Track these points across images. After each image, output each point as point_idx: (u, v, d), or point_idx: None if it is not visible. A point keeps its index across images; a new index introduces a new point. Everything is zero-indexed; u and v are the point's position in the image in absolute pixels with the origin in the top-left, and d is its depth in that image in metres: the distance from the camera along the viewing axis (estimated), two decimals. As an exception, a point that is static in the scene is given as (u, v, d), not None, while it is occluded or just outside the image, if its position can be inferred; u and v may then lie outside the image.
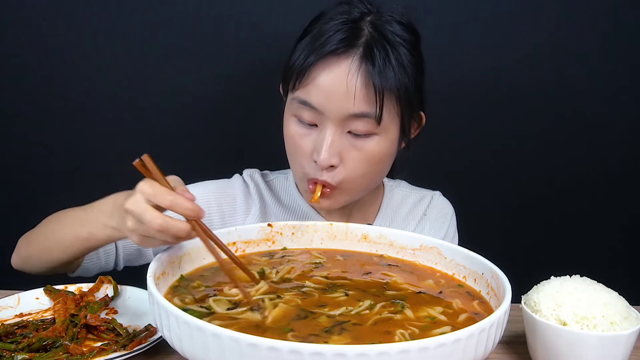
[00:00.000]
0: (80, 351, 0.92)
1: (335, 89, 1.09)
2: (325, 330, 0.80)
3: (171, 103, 1.61)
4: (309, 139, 1.14)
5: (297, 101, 1.13)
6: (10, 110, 1.60)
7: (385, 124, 1.12)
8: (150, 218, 0.85)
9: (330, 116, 1.10)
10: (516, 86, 1.62)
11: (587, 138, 1.66)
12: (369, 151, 1.13)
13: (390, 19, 1.14)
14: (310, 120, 1.13)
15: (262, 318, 0.82)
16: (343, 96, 1.09)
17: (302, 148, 1.15)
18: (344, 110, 1.09)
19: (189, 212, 0.87)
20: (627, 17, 1.60)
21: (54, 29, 1.55)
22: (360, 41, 1.10)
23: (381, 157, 1.15)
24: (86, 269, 1.22)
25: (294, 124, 1.16)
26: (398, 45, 1.12)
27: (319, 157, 1.11)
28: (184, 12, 1.56)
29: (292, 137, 1.16)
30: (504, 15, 1.59)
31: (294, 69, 1.12)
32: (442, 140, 1.55)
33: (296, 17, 1.24)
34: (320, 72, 1.10)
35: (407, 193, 1.40)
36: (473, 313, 0.88)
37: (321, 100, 1.10)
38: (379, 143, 1.13)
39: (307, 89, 1.11)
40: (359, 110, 1.09)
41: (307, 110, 1.12)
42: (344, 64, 1.09)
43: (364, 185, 1.19)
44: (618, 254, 1.74)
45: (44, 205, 1.19)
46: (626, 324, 0.91)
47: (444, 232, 1.37)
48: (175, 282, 0.94)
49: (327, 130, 1.11)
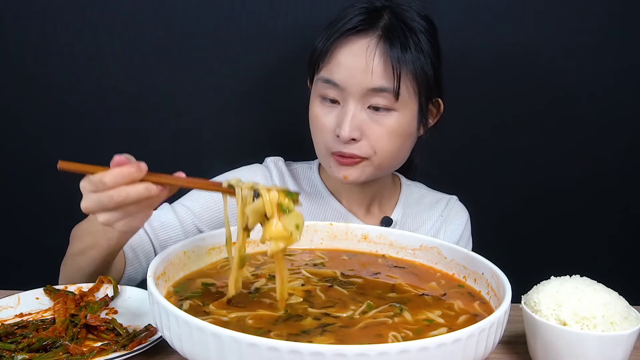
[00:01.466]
0: (80, 351, 0.92)
1: (355, 65, 1.17)
2: (304, 332, 0.80)
3: (187, 98, 1.60)
4: (331, 116, 1.21)
5: (322, 81, 1.20)
6: (10, 110, 1.60)
7: (403, 100, 1.18)
8: (108, 199, 0.83)
9: (351, 91, 1.17)
10: (516, 88, 1.62)
11: (587, 138, 1.66)
12: (389, 126, 1.19)
13: (409, 10, 1.22)
14: (334, 97, 1.20)
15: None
16: (362, 71, 1.16)
17: (325, 125, 1.21)
18: (364, 85, 1.16)
19: (133, 174, 0.83)
20: (629, 15, 1.60)
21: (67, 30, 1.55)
22: (380, 24, 1.18)
23: (401, 132, 1.21)
24: (129, 278, 1.24)
25: (318, 103, 1.23)
26: (417, 31, 1.20)
27: (341, 130, 1.17)
28: (196, 8, 1.55)
29: (316, 115, 1.23)
30: (509, 17, 1.59)
31: (317, 52, 1.21)
32: (443, 140, 1.54)
33: (318, 9, 1.28)
34: (340, 50, 1.18)
35: (425, 193, 1.44)
36: (473, 314, 0.88)
37: (343, 77, 1.17)
38: (399, 119, 1.19)
39: (330, 67, 1.19)
40: (377, 85, 1.16)
41: (331, 88, 1.19)
42: (363, 41, 1.17)
43: (388, 159, 1.24)
44: (618, 254, 1.74)
45: (46, 205, 1.19)
46: (626, 324, 0.91)
47: (459, 235, 1.40)
48: (176, 282, 0.94)
49: (348, 105, 1.18)
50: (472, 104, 1.62)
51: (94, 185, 0.84)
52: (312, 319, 0.84)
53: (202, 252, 1.00)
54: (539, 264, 1.31)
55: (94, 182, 0.84)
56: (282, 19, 1.56)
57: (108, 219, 0.86)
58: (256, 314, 0.84)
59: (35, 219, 1.64)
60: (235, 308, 0.86)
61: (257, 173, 1.35)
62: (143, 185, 0.84)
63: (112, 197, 0.83)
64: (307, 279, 0.97)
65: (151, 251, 1.24)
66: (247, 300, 0.89)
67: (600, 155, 1.67)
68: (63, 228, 1.21)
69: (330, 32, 1.20)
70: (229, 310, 0.85)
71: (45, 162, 1.62)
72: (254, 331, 0.78)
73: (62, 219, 1.20)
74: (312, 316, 0.84)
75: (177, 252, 0.95)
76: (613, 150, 1.67)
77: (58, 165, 0.84)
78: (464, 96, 1.58)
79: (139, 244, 1.23)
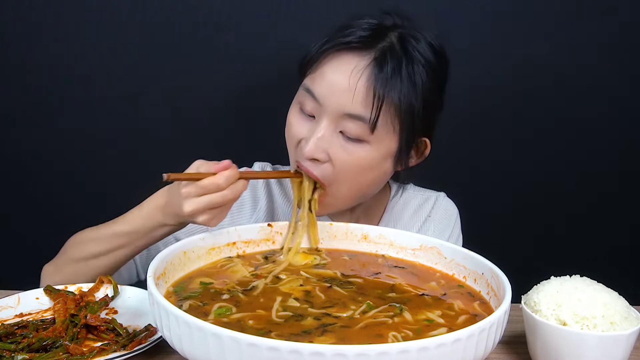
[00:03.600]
0: (80, 351, 0.92)
1: (338, 83, 1.08)
2: (304, 332, 0.80)
3: (178, 103, 1.61)
4: (304, 127, 1.13)
5: (304, 88, 1.14)
6: (10, 111, 1.60)
7: (379, 134, 1.09)
8: (222, 198, 0.99)
9: (327, 110, 1.09)
10: (517, 90, 1.63)
11: (588, 140, 1.66)
12: (357, 157, 1.10)
13: (421, 38, 1.12)
14: (310, 111, 1.12)
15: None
16: (343, 92, 1.07)
17: (295, 134, 1.14)
18: (341, 107, 1.08)
19: (236, 175, 1.00)
20: (629, 17, 1.60)
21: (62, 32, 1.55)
22: (379, 45, 1.09)
23: (369, 166, 1.12)
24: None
25: (295, 111, 1.16)
26: (417, 62, 1.09)
27: (306, 145, 1.10)
28: (195, 14, 1.56)
29: (291, 123, 1.16)
30: (508, 20, 1.59)
31: (309, 56, 1.14)
32: (444, 141, 1.54)
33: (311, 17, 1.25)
34: (329, 62, 1.10)
35: (412, 194, 1.40)
36: (473, 314, 0.88)
37: (323, 92, 1.09)
38: (369, 152, 1.10)
39: (314, 78, 1.11)
40: (354, 111, 1.07)
41: (310, 99, 1.11)
42: (353, 61, 1.08)
43: (351, 192, 1.16)
44: (618, 254, 1.74)
45: (47, 205, 1.19)
46: (626, 324, 0.91)
47: (449, 233, 1.38)
48: (176, 282, 0.94)
49: (321, 124, 1.10)
50: (473, 103, 1.62)
51: (204, 190, 0.98)
52: (313, 319, 0.84)
53: (202, 252, 1.01)
54: (539, 264, 1.31)
55: (206, 186, 0.98)
56: (275, 26, 1.55)
57: (209, 217, 1.00)
58: (256, 314, 0.84)
59: (36, 219, 1.65)
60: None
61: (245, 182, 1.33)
62: (241, 182, 1.02)
63: (225, 195, 0.99)
64: (306, 279, 0.97)
65: (131, 263, 1.25)
66: (247, 300, 0.89)
67: (600, 156, 1.67)
68: (63, 228, 1.21)
69: (326, 40, 1.11)
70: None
71: (45, 161, 1.63)
72: (255, 331, 0.78)
73: (62, 219, 1.20)
74: (312, 316, 0.84)
75: (177, 252, 0.95)
76: (613, 150, 1.67)
77: (165, 177, 0.96)
78: (462, 93, 1.58)
79: None
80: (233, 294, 0.90)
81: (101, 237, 1.16)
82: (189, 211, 0.99)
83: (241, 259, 1.04)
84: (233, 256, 1.05)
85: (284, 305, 0.88)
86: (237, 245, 1.06)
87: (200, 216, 1.00)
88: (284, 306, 0.87)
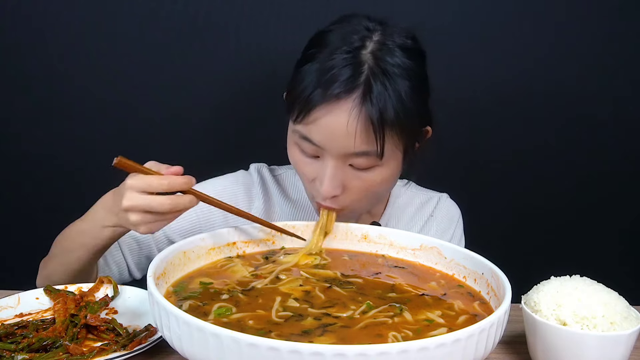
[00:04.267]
0: (80, 351, 0.92)
1: (336, 131, 1.07)
2: (305, 332, 0.80)
3: (173, 103, 1.61)
4: (311, 167, 1.13)
5: (299, 135, 1.11)
6: (10, 111, 1.60)
7: (386, 157, 1.10)
8: (158, 205, 0.92)
9: (331, 153, 1.09)
10: (518, 91, 1.63)
11: (588, 140, 1.66)
12: (371, 180, 1.12)
13: (393, 47, 1.09)
14: (312, 153, 1.12)
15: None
16: (344, 137, 1.07)
17: (305, 174, 1.15)
18: (345, 149, 1.08)
19: (185, 185, 0.93)
20: (629, 17, 1.60)
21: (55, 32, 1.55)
22: (360, 79, 1.06)
23: (385, 181, 1.15)
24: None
25: (296, 151, 1.15)
26: (396, 77, 1.07)
27: (322, 188, 1.10)
28: (187, 15, 1.56)
29: (296, 162, 1.16)
30: (508, 20, 1.59)
31: (297, 102, 1.09)
32: (445, 142, 1.54)
33: (299, 19, 1.24)
34: (322, 113, 1.07)
35: (414, 193, 1.41)
36: (473, 314, 0.88)
37: (322, 139, 1.08)
38: (382, 172, 1.12)
39: (309, 127, 1.09)
40: (359, 150, 1.08)
41: (308, 144, 1.10)
42: (345, 107, 1.06)
43: (369, 205, 1.22)
44: (618, 254, 1.74)
45: (46, 205, 1.19)
46: (626, 324, 0.91)
47: (450, 234, 1.38)
48: (176, 282, 0.94)
49: (328, 164, 1.10)
50: (475, 108, 1.62)
51: (148, 186, 0.92)
52: (313, 319, 0.83)
53: (202, 252, 1.00)
54: (539, 264, 1.31)
55: (150, 183, 0.91)
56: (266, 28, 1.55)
57: (141, 219, 0.94)
58: (256, 314, 0.84)
59: (36, 219, 1.65)
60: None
61: (239, 182, 1.32)
62: (189, 197, 0.94)
63: (163, 204, 0.92)
64: (306, 280, 0.97)
65: (121, 259, 1.25)
66: (247, 300, 0.89)
67: (600, 156, 1.68)
68: (63, 228, 1.21)
69: (313, 87, 1.07)
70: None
71: (45, 162, 1.63)
72: (255, 332, 0.78)
73: (62, 219, 1.20)
74: (312, 316, 0.84)
75: (177, 252, 0.95)
76: (614, 150, 1.67)
77: (116, 160, 0.90)
78: (462, 94, 1.58)
79: (109, 252, 1.24)
80: (233, 294, 0.90)
81: (68, 233, 1.17)
82: (126, 205, 0.93)
83: (241, 259, 1.04)
84: (233, 256, 1.05)
85: (284, 305, 0.88)
86: (237, 245, 1.06)
87: (134, 215, 0.94)
88: (284, 306, 0.87)
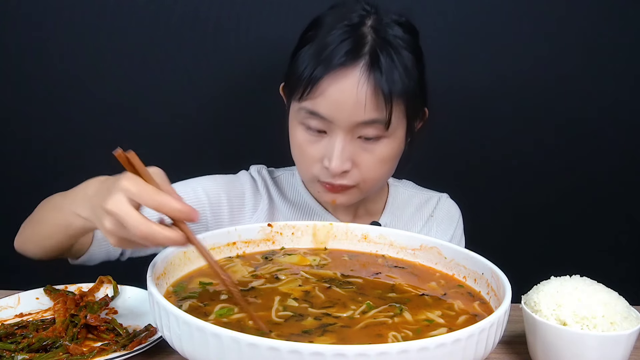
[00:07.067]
0: (80, 351, 0.92)
1: (345, 100, 1.09)
2: (305, 332, 0.80)
3: (170, 102, 1.61)
4: (318, 145, 1.15)
5: (305, 111, 1.13)
6: (10, 112, 1.60)
7: (393, 127, 1.13)
8: (134, 223, 0.75)
9: (340, 124, 1.11)
10: (518, 91, 1.63)
11: (588, 140, 1.66)
12: (379, 153, 1.15)
13: (390, 22, 1.14)
14: (319, 128, 1.14)
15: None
16: (353, 106, 1.09)
17: (311, 154, 1.16)
18: (354, 119, 1.10)
19: (177, 213, 0.77)
20: (630, 18, 1.60)
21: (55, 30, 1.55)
22: (365, 50, 1.10)
23: (391, 156, 1.18)
24: (91, 255, 1.19)
25: (301, 131, 1.16)
26: (401, 48, 1.12)
27: (331, 164, 1.12)
28: (186, 13, 1.56)
29: (300, 144, 1.17)
30: (508, 18, 1.59)
31: (301, 80, 1.11)
32: (445, 142, 1.55)
33: (296, 17, 1.24)
34: (329, 84, 1.09)
35: (414, 193, 1.41)
36: (473, 314, 0.88)
37: (330, 111, 1.10)
38: (388, 144, 1.15)
39: (316, 101, 1.11)
40: (369, 118, 1.10)
41: (316, 119, 1.12)
42: (352, 75, 1.09)
43: (377, 184, 1.22)
44: (618, 254, 1.74)
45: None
46: (626, 324, 0.91)
47: (451, 234, 1.38)
48: (175, 282, 0.94)
49: (337, 138, 1.12)
50: (473, 107, 1.62)
51: (138, 195, 0.76)
52: (313, 319, 0.84)
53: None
54: (539, 264, 1.31)
55: (142, 193, 0.76)
56: (264, 25, 1.55)
57: (115, 230, 0.79)
58: (256, 314, 0.84)
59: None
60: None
61: (247, 182, 1.32)
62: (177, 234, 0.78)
63: (137, 226, 0.76)
64: (305, 280, 0.97)
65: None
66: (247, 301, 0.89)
67: (601, 156, 1.68)
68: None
69: (315, 63, 1.10)
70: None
71: (44, 162, 1.63)
72: (255, 332, 0.78)
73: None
74: (312, 316, 0.84)
75: (177, 252, 0.95)
76: (614, 150, 1.67)
77: (119, 151, 0.77)
78: (459, 94, 1.58)
79: None
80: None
81: (49, 203, 1.11)
82: (109, 208, 0.77)
83: (241, 259, 1.04)
84: (233, 256, 1.05)
85: (284, 305, 0.88)
86: (237, 246, 1.06)
87: (110, 221, 0.78)
88: (284, 306, 0.87)
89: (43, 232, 1.11)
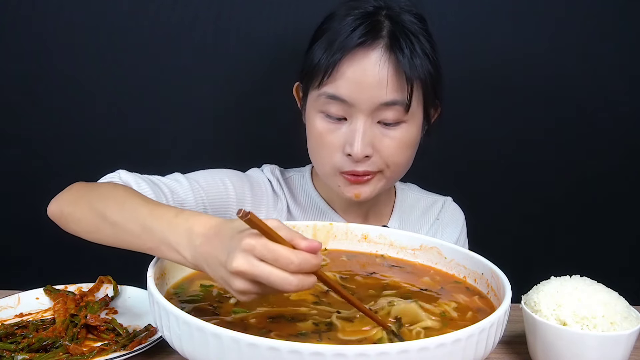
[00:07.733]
0: (80, 351, 0.92)
1: (366, 80, 1.10)
2: (305, 332, 0.80)
3: (170, 102, 1.61)
4: (338, 133, 1.15)
5: (325, 96, 1.13)
6: (10, 112, 1.60)
7: (412, 111, 1.14)
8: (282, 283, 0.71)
9: (361, 107, 1.12)
10: (520, 90, 1.62)
11: (588, 140, 1.66)
12: (400, 138, 1.15)
13: (402, 11, 1.16)
14: (339, 114, 1.14)
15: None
16: (374, 85, 1.10)
17: (331, 143, 1.16)
18: (375, 100, 1.11)
19: (315, 268, 0.74)
20: (631, 17, 1.60)
21: (55, 30, 1.55)
22: (383, 32, 1.12)
23: (411, 142, 1.18)
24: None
25: (320, 119, 1.16)
26: (419, 34, 1.14)
27: (353, 148, 1.12)
28: (195, 14, 1.56)
29: (320, 133, 1.16)
30: (508, 18, 1.59)
31: (319, 67, 1.12)
32: (444, 142, 1.55)
33: (307, 16, 1.25)
34: (349, 65, 1.10)
35: (419, 196, 1.41)
36: (476, 309, 0.88)
37: (351, 92, 1.11)
38: (408, 130, 1.16)
39: (336, 84, 1.11)
40: (390, 99, 1.11)
41: (336, 104, 1.13)
42: (373, 55, 1.10)
43: (399, 172, 1.22)
44: (618, 253, 1.74)
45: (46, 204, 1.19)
46: (626, 324, 0.91)
47: (456, 237, 1.39)
48: (176, 283, 0.93)
49: (358, 122, 1.13)
50: (473, 104, 1.62)
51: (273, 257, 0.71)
52: (313, 318, 0.84)
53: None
54: (539, 264, 1.31)
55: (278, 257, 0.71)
56: (272, 23, 1.55)
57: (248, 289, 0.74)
58: (257, 313, 0.84)
59: (35, 218, 1.64)
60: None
61: (266, 182, 1.31)
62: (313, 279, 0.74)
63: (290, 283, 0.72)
64: None
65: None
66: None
67: (601, 156, 1.67)
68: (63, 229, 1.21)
69: (332, 48, 1.11)
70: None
71: (45, 162, 1.63)
72: (255, 331, 0.78)
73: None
74: (312, 316, 0.84)
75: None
76: (614, 150, 1.67)
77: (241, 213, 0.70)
78: (462, 95, 1.58)
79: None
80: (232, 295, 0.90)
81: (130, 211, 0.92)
82: (237, 268, 0.72)
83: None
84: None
85: (284, 304, 0.88)
86: (237, 245, 1.05)
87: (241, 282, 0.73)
88: (284, 306, 0.87)
89: (107, 231, 0.95)
